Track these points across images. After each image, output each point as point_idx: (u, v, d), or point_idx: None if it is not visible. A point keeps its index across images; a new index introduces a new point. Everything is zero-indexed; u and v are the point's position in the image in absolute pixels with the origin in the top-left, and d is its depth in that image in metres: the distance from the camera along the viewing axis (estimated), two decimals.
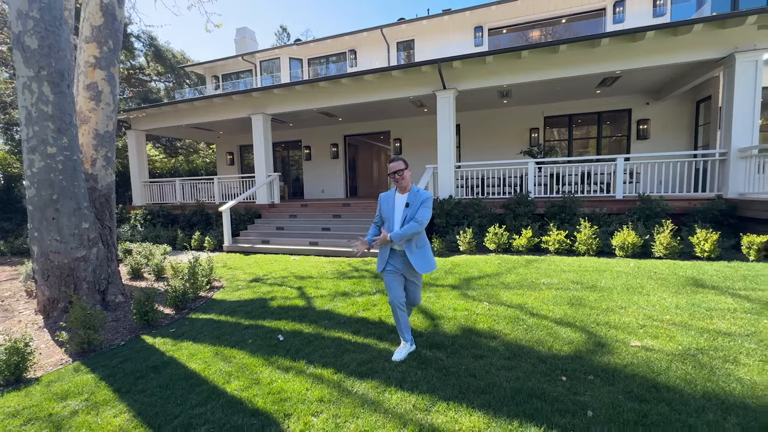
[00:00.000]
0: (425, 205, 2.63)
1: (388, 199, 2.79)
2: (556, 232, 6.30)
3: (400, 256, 2.72)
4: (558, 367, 2.49)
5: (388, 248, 2.72)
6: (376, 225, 2.87)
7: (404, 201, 2.69)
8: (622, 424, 1.88)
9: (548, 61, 7.68)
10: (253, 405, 2.27)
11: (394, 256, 2.73)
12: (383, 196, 2.85)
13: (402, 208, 2.68)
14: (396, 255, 2.73)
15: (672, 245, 5.58)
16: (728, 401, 2.02)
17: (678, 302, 3.52)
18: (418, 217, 2.60)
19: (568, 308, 3.53)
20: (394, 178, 2.70)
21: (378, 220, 2.87)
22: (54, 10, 4.17)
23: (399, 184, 2.71)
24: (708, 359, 2.47)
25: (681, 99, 9.71)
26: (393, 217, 2.71)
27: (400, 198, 2.73)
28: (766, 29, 6.59)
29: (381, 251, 2.78)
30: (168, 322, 4.15)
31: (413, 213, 2.62)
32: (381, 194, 2.87)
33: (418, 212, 2.61)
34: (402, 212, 2.67)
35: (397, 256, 2.73)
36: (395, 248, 2.71)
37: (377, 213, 2.87)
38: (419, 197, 2.66)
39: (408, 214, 2.64)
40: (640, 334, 2.89)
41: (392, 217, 2.71)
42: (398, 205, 2.71)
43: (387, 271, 2.74)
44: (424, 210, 2.62)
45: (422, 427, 1.95)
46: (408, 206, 2.65)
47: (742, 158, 6.67)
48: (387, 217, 2.76)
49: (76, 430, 2.14)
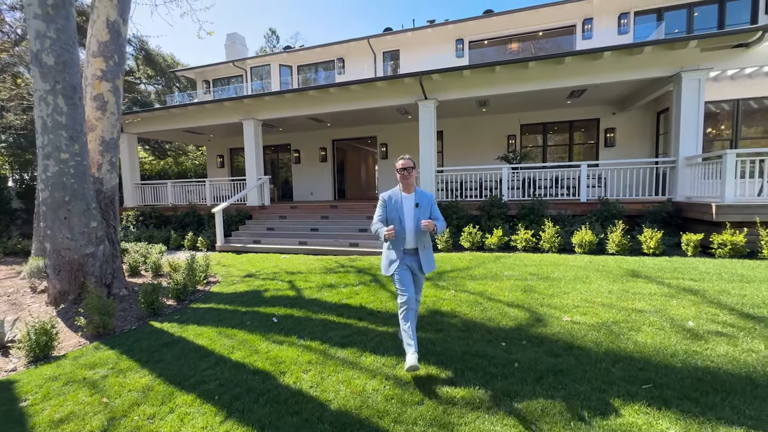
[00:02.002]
0: (435, 204, 2.82)
1: (395, 199, 2.78)
2: (523, 232, 6.98)
3: (411, 255, 2.75)
4: (501, 336, 3.10)
5: (401, 248, 2.73)
6: (382, 223, 2.79)
7: (413, 201, 2.73)
8: (537, 370, 2.50)
9: (520, 76, 8.40)
10: (254, 367, 2.81)
11: (407, 257, 2.75)
12: (387, 196, 2.82)
13: (412, 209, 2.71)
14: (408, 254, 2.75)
15: (623, 243, 6.30)
16: (620, 356, 2.66)
17: (612, 288, 4.19)
18: (439, 216, 2.78)
19: (520, 294, 4.16)
20: (402, 175, 2.74)
21: (382, 220, 2.79)
22: (69, 30, 4.63)
23: (406, 181, 2.75)
24: (618, 329, 3.11)
25: (643, 110, 10.57)
26: (403, 217, 2.71)
27: (407, 198, 2.76)
28: (707, 51, 7.44)
29: (392, 251, 2.76)
30: (171, 311, 4.62)
31: (426, 213, 2.71)
32: (383, 194, 2.85)
33: (434, 212, 2.77)
34: (413, 212, 2.71)
35: (409, 255, 2.75)
36: (407, 248, 2.74)
37: (380, 213, 2.81)
38: (428, 199, 2.78)
39: (419, 214, 2.69)
40: (573, 312, 3.53)
41: (401, 217, 2.71)
42: (407, 205, 2.74)
43: (401, 270, 2.71)
44: (437, 208, 2.81)
45: (387, 377, 2.53)
46: (418, 206, 2.71)
47: (689, 165, 7.47)
48: (395, 217, 2.73)
49: (110, 388, 2.64)
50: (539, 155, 11.92)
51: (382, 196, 2.84)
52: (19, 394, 2.66)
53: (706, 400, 2.11)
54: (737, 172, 6.19)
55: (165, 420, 2.21)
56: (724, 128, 9.66)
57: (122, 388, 2.63)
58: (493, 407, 2.16)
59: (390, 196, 2.82)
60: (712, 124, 9.75)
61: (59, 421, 2.26)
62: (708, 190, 6.81)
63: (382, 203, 2.82)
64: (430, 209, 2.75)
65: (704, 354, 2.63)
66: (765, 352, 2.60)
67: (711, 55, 7.52)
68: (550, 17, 11.96)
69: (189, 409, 2.31)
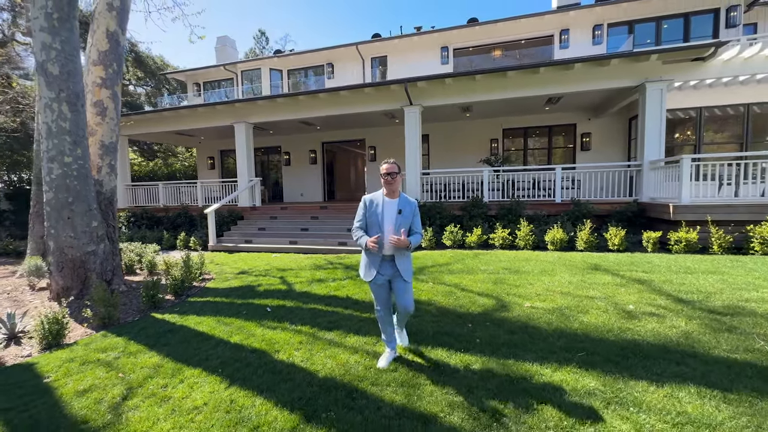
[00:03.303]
0: (418, 214, 2.73)
1: (376, 203, 2.69)
2: (501, 231, 7.48)
3: (389, 263, 2.69)
4: (469, 320, 3.55)
5: (380, 256, 2.66)
6: (361, 229, 2.74)
7: (396, 207, 2.64)
8: (495, 344, 2.95)
9: (499, 84, 8.93)
10: (251, 347, 3.20)
11: (384, 264, 2.69)
12: (369, 199, 2.73)
13: (394, 215, 2.63)
14: (386, 262, 2.69)
15: (590, 240, 6.85)
16: (565, 333, 3.13)
17: (572, 280, 4.69)
18: (418, 229, 2.71)
19: (491, 285, 4.63)
20: (386, 180, 2.65)
21: (362, 224, 2.73)
22: (73, 41, 4.94)
23: (390, 187, 2.66)
24: (569, 312, 3.59)
25: (616, 116, 11.23)
26: (383, 222, 2.63)
27: (390, 203, 2.66)
28: (669, 64, 8.08)
29: (370, 259, 2.70)
30: (170, 305, 4.95)
31: (407, 222, 2.63)
32: (365, 197, 2.75)
33: (415, 223, 2.69)
34: (394, 218, 2.63)
35: (387, 263, 2.69)
36: (385, 255, 2.67)
37: (360, 216, 2.74)
38: (411, 206, 2.69)
39: (401, 222, 2.62)
40: (534, 299, 4.01)
41: (382, 222, 2.63)
42: (389, 210, 2.65)
43: (376, 281, 2.70)
44: (418, 219, 2.72)
45: (367, 353, 2.96)
46: (400, 213, 2.63)
47: (653, 169, 8.09)
48: (374, 222, 2.66)
49: (124, 366, 3.00)
50: (520, 158, 12.51)
51: (364, 198, 2.75)
52: (41, 372, 2.99)
53: (626, 362, 2.58)
54: (692, 175, 6.80)
55: (176, 388, 2.59)
56: (689, 134, 10.36)
57: (135, 365, 2.98)
58: (454, 372, 2.60)
59: (372, 199, 2.73)
60: (680, 129, 10.46)
61: (83, 391, 2.62)
62: (668, 192, 7.42)
63: (362, 206, 2.73)
64: (412, 218, 2.67)
65: (634, 330, 3.12)
66: (684, 328, 3.11)
67: (672, 68, 8.16)
68: (530, 27, 12.57)
69: (196, 379, 2.69)
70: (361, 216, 2.74)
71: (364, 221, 2.73)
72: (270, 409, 2.25)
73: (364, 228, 2.73)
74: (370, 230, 2.69)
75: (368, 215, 2.71)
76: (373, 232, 2.66)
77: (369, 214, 2.70)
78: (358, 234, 2.72)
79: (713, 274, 4.61)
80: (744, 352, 2.66)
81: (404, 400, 2.28)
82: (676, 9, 11.31)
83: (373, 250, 2.61)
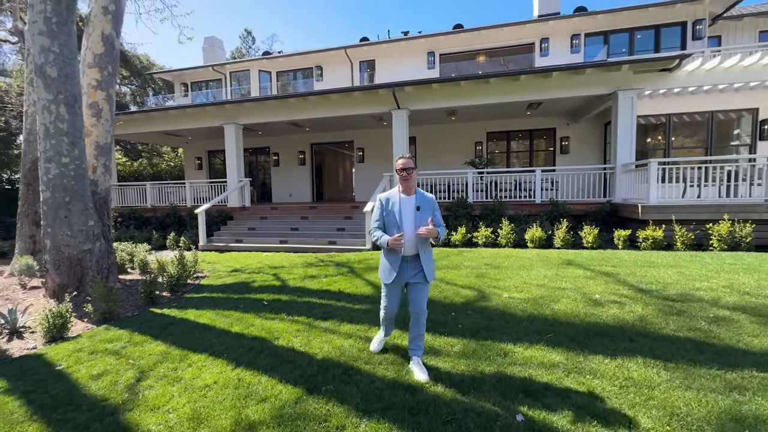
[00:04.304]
0: (437, 208, 2.66)
1: (393, 201, 2.62)
2: (484, 230, 7.89)
3: (410, 263, 2.61)
4: (452, 309, 3.89)
5: (400, 256, 2.58)
6: (379, 229, 2.66)
7: (413, 204, 2.58)
8: (474, 329, 3.29)
9: (482, 90, 9.35)
10: (252, 335, 3.45)
11: (405, 265, 2.61)
12: (385, 198, 2.66)
13: (413, 212, 2.57)
14: (406, 263, 2.61)
15: (566, 238, 7.31)
16: (538, 318, 3.50)
17: (547, 274, 5.09)
18: (441, 221, 2.62)
19: (473, 279, 4.98)
20: (402, 176, 2.58)
21: (380, 224, 2.66)
22: (70, 45, 5.07)
23: (406, 183, 2.59)
24: (543, 300, 3.97)
25: (593, 121, 11.83)
26: (402, 220, 2.56)
27: (407, 200, 2.60)
28: (639, 73, 8.66)
29: (391, 260, 2.61)
30: (167, 301, 5.13)
31: (426, 217, 2.55)
32: (380, 196, 2.69)
33: (436, 218, 2.59)
34: (413, 215, 2.56)
35: (407, 265, 2.61)
36: (407, 254, 2.59)
37: (378, 216, 2.66)
38: (429, 202, 2.62)
39: (421, 219, 2.55)
40: (512, 290, 4.38)
41: (400, 220, 2.56)
42: (407, 207, 2.58)
43: (395, 284, 2.64)
44: (439, 214, 2.64)
45: (360, 338, 3.25)
46: (419, 210, 2.56)
47: (625, 172, 8.64)
48: (392, 222, 2.58)
49: (132, 354, 3.21)
50: (504, 160, 13.00)
51: (380, 198, 2.67)
52: (51, 361, 3.17)
53: (587, 341, 2.96)
54: (659, 178, 7.34)
55: (186, 371, 2.82)
56: (660, 138, 11.01)
57: (143, 353, 3.20)
58: (439, 352, 2.92)
59: (388, 198, 2.65)
60: (652, 134, 11.11)
61: (97, 375, 2.83)
62: (638, 193, 7.97)
63: (379, 206, 2.66)
64: (431, 214, 2.58)
65: (598, 315, 3.51)
66: (640, 313, 3.51)
67: (642, 77, 8.74)
68: (512, 35, 13.10)
69: (204, 363, 2.93)
70: (379, 216, 2.66)
71: (382, 222, 2.65)
72: (275, 385, 2.52)
73: (382, 228, 2.66)
74: (389, 231, 2.61)
75: (386, 214, 2.62)
76: (392, 232, 2.58)
77: (386, 214, 2.62)
78: (377, 234, 2.62)
79: (673, 268, 5.09)
80: (687, 331, 3.07)
81: (394, 375, 2.59)
82: (647, 21, 12.01)
83: (397, 248, 2.50)
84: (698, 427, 1.91)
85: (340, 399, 2.32)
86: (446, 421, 2.05)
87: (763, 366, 2.46)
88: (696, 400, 2.13)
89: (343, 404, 2.26)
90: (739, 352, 2.69)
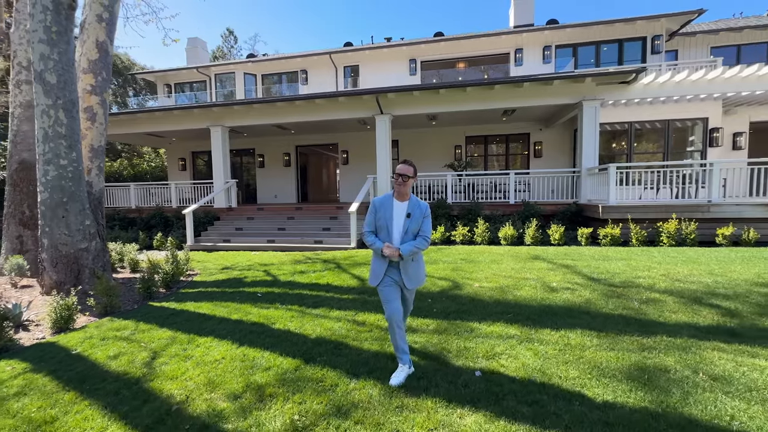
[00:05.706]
0: (429, 216, 2.61)
1: (386, 206, 2.62)
2: (461, 228, 8.47)
3: (396, 267, 2.63)
4: (429, 297, 4.40)
5: (387, 260, 2.61)
6: (372, 233, 2.68)
7: (404, 210, 2.58)
8: (447, 312, 3.82)
9: (460, 97, 9.97)
10: (251, 321, 3.85)
11: (392, 268, 2.63)
12: (379, 201, 2.67)
13: (402, 218, 2.57)
14: (393, 266, 2.63)
15: (536, 235, 7.98)
16: (502, 303, 4.06)
17: (515, 266, 5.68)
18: (425, 233, 2.58)
19: (449, 272, 5.52)
20: (397, 181, 2.57)
21: (372, 227, 2.68)
22: (69, 53, 5.32)
23: (400, 189, 2.57)
24: (508, 289, 4.54)
25: (564, 127, 12.66)
26: (392, 226, 2.58)
27: (399, 205, 2.60)
28: (602, 85, 9.45)
29: (377, 263, 2.66)
30: (163, 296, 5.43)
31: (416, 225, 2.56)
32: (375, 199, 2.70)
33: (424, 226, 2.57)
34: (403, 222, 2.57)
35: (395, 268, 2.63)
36: (393, 259, 2.59)
37: (370, 219, 2.68)
38: (421, 209, 2.59)
39: (410, 225, 2.56)
40: (482, 281, 4.93)
41: (390, 226, 2.58)
42: (397, 213, 2.59)
43: (385, 284, 2.62)
44: (428, 223, 2.59)
45: (348, 321, 3.72)
46: (409, 217, 2.55)
47: (589, 175, 9.42)
48: (383, 225, 2.60)
49: (142, 339, 3.56)
50: (482, 163, 13.70)
51: (374, 201, 2.69)
52: (65, 347, 3.49)
53: (539, 319, 3.52)
54: (618, 181, 8.10)
55: (195, 350, 3.21)
56: (623, 144, 11.93)
57: (152, 338, 3.56)
58: (416, 330, 3.41)
59: (381, 201, 2.66)
60: (617, 140, 12.01)
61: (114, 356, 3.18)
62: (600, 195, 8.73)
63: (372, 209, 2.68)
64: (421, 221, 2.58)
65: (552, 299, 4.09)
66: (588, 296, 4.12)
67: (604, 89, 9.54)
68: (489, 45, 13.84)
69: (210, 344, 3.32)
70: (371, 219, 2.68)
71: (374, 225, 2.68)
72: (276, 358, 2.95)
73: (374, 231, 2.69)
74: (379, 233, 2.64)
75: (378, 218, 2.64)
76: (381, 235, 2.62)
77: (378, 218, 2.64)
78: (370, 239, 2.64)
79: (623, 261, 5.77)
80: (622, 310, 3.68)
81: (378, 348, 3.07)
82: (612, 35, 12.97)
83: (392, 257, 2.54)
84: (612, 374, 2.48)
85: (333, 366, 2.78)
86: (419, 377, 2.54)
87: (673, 333, 3.08)
88: (615, 357, 2.71)
89: (336, 369, 2.72)
90: (658, 324, 3.31)
